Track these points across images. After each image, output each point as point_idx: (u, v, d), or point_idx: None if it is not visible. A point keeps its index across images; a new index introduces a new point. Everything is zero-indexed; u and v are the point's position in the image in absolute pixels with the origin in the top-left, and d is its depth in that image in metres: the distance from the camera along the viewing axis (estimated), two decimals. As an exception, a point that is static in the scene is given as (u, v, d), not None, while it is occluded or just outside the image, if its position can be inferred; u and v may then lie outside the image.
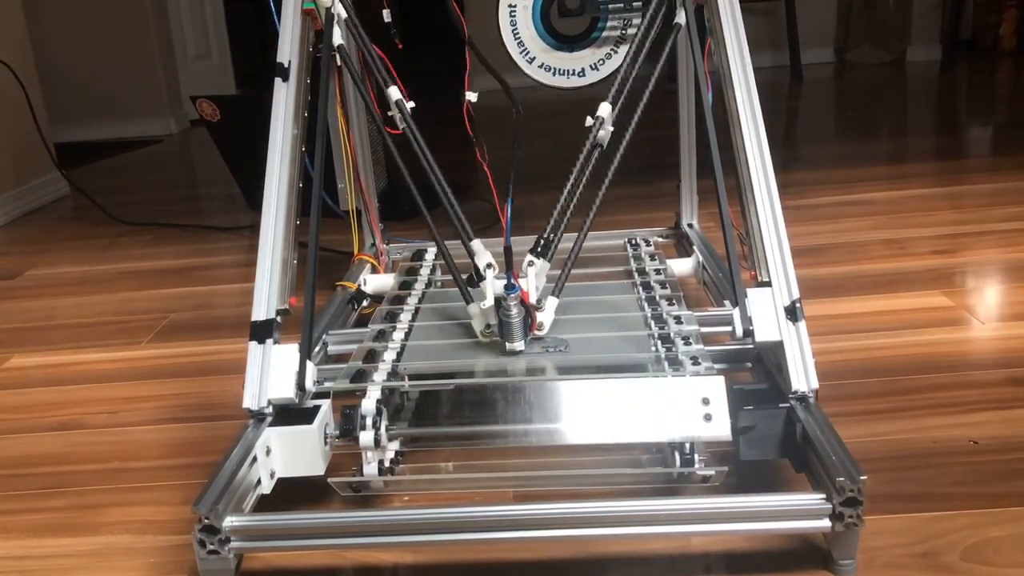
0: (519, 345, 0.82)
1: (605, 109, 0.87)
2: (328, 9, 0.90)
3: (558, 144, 2.27)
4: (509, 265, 0.80)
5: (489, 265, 0.83)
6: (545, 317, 0.84)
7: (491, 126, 0.90)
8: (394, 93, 0.88)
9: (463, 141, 0.90)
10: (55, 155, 2.41)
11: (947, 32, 3.71)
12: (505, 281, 0.80)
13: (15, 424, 1.09)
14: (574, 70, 1.11)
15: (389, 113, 0.89)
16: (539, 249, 0.85)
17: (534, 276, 0.83)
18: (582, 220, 0.87)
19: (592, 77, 1.12)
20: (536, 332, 0.83)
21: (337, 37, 0.90)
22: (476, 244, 0.84)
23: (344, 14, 0.91)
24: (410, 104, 0.88)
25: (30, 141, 2.32)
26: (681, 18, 0.90)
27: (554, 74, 1.11)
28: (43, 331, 1.41)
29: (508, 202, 0.80)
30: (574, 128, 0.88)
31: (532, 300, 0.82)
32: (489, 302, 0.81)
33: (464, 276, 0.84)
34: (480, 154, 0.87)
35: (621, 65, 0.91)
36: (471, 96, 0.90)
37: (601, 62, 1.10)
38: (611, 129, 0.87)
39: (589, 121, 0.87)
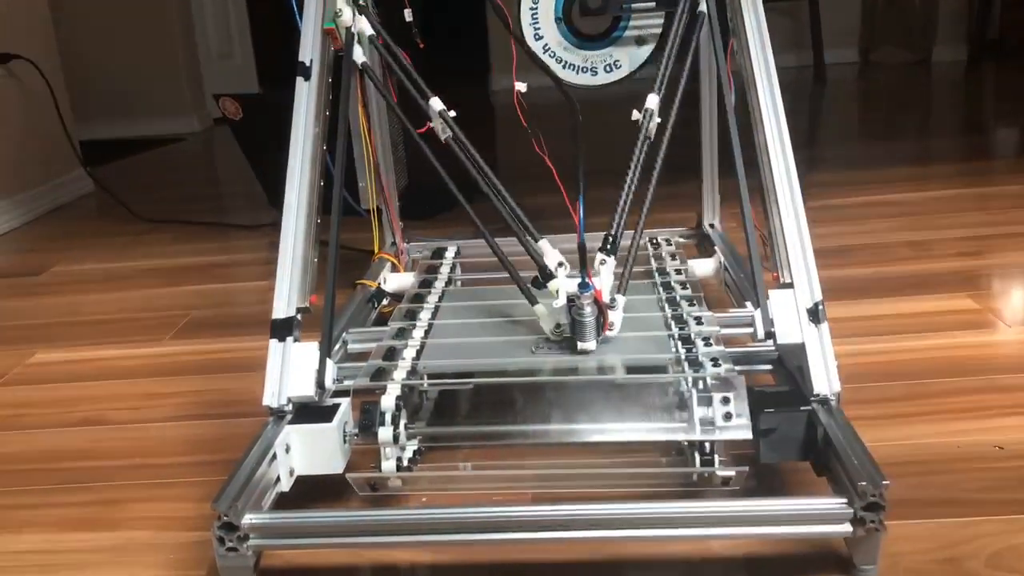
0: (591, 345, 0.81)
1: (652, 100, 0.87)
2: (348, 29, 0.89)
3: (591, 141, 2.26)
4: (583, 263, 0.79)
5: (560, 264, 0.82)
6: (616, 316, 0.83)
7: (512, 124, 0.89)
8: (436, 104, 0.87)
9: (482, 140, 0.90)
10: (80, 153, 2.44)
11: (974, 32, 3.67)
12: (579, 280, 0.79)
13: (39, 419, 1.10)
14: (596, 68, 1.11)
15: (430, 123, 0.88)
16: (608, 247, 0.84)
17: (607, 274, 0.83)
18: (636, 217, 0.86)
19: (613, 75, 1.11)
20: (608, 332, 0.82)
21: (359, 55, 0.90)
22: (544, 243, 0.84)
23: (368, 31, 0.90)
24: (451, 112, 0.88)
25: (56, 139, 2.35)
26: (703, 6, 0.90)
27: (577, 72, 1.10)
28: (67, 327, 1.42)
29: (580, 199, 0.80)
30: (602, 125, 0.87)
31: (605, 298, 0.81)
32: (562, 301, 0.81)
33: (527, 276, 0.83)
34: (537, 146, 0.85)
35: (662, 59, 0.90)
36: (520, 86, 0.89)
37: (618, 63, 1.10)
38: (659, 120, 0.86)
39: (635, 115, 0.86)
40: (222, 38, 3.78)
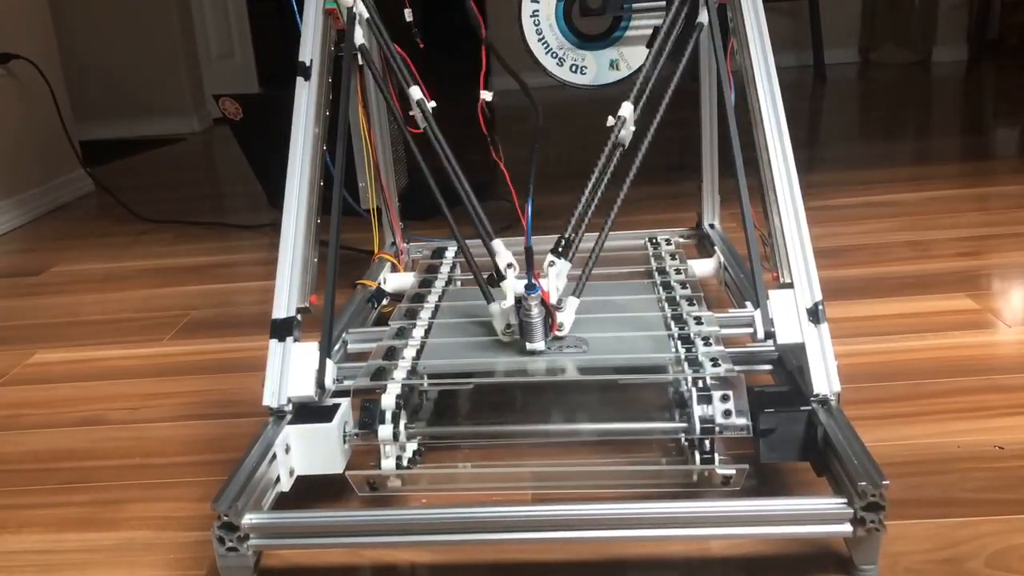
0: (539, 345, 0.81)
1: (627, 109, 0.87)
2: (350, 9, 0.90)
3: (580, 144, 2.27)
4: (529, 265, 0.79)
5: (510, 265, 0.83)
6: (565, 317, 0.84)
7: (514, 126, 0.89)
8: (415, 92, 0.88)
9: (479, 139, 0.90)
10: (80, 153, 2.44)
11: (974, 32, 3.67)
12: (526, 281, 0.80)
13: (39, 419, 1.10)
14: (597, 69, 1.11)
15: (411, 112, 0.89)
16: (560, 249, 0.84)
17: (555, 276, 0.83)
18: (603, 220, 0.86)
19: (615, 75, 1.11)
20: (556, 332, 0.83)
21: (359, 37, 0.90)
22: (497, 243, 0.84)
23: (366, 14, 0.91)
24: (431, 104, 0.88)
25: (55, 139, 2.35)
26: (703, 17, 0.90)
27: (578, 72, 1.10)
28: (66, 327, 1.42)
29: (528, 202, 0.80)
30: (593, 128, 0.87)
31: (553, 300, 0.82)
32: (509, 302, 0.81)
33: (485, 275, 0.84)
34: (495, 153, 0.87)
35: (643, 64, 0.90)
36: (486, 95, 0.90)
37: (619, 63, 1.10)
38: (633, 129, 0.87)
39: (611, 121, 0.87)
40: (222, 38, 3.78)
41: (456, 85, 1.06)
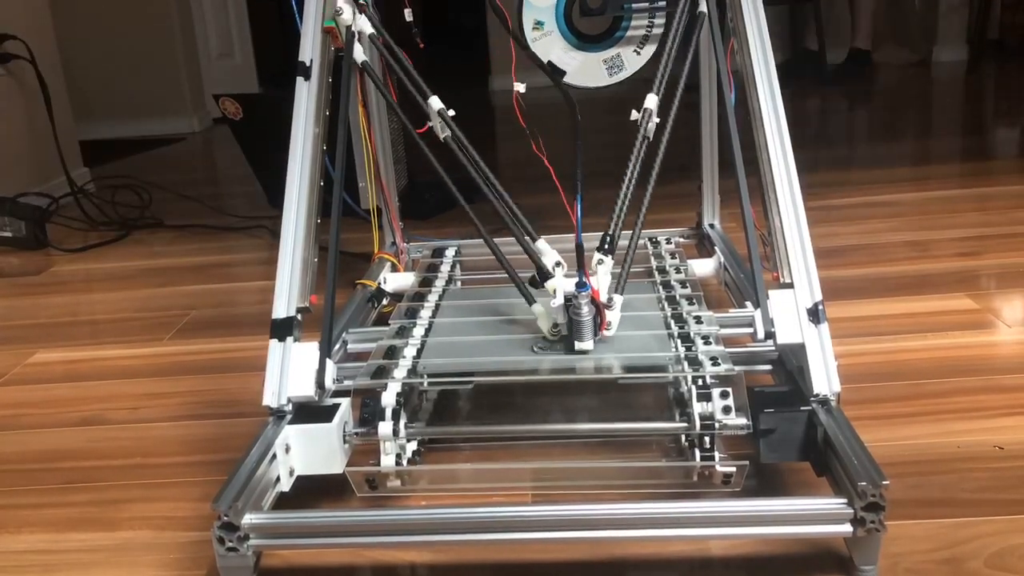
0: (588, 344, 0.81)
1: (651, 100, 0.87)
2: (349, 28, 0.89)
3: (589, 143, 2.26)
4: (580, 263, 0.79)
5: (558, 263, 0.82)
6: (614, 316, 0.83)
7: (511, 124, 0.89)
8: (435, 103, 0.87)
9: (482, 138, 0.90)
10: (80, 153, 2.44)
11: (974, 32, 3.67)
12: (576, 279, 0.79)
13: (38, 419, 1.10)
14: (598, 69, 1.10)
15: (429, 123, 0.88)
16: (605, 246, 0.84)
17: (603, 274, 0.83)
18: (634, 217, 0.86)
19: (615, 76, 1.11)
20: (605, 332, 0.82)
21: (359, 53, 0.90)
22: (542, 243, 0.84)
23: (368, 30, 0.90)
24: (450, 112, 0.87)
25: (55, 138, 2.34)
26: (703, 6, 0.90)
27: (578, 73, 1.10)
28: (66, 327, 1.42)
29: (578, 198, 0.80)
30: (593, 127, 0.87)
31: (603, 298, 0.81)
32: (559, 300, 0.81)
33: (524, 276, 0.83)
34: (536, 147, 0.85)
35: (662, 58, 0.90)
36: (519, 87, 0.89)
37: (641, 44, 1.10)
38: (658, 120, 0.86)
39: (634, 115, 0.86)
40: (222, 38, 3.78)
41: (452, 83, 1.06)
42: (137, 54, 3.42)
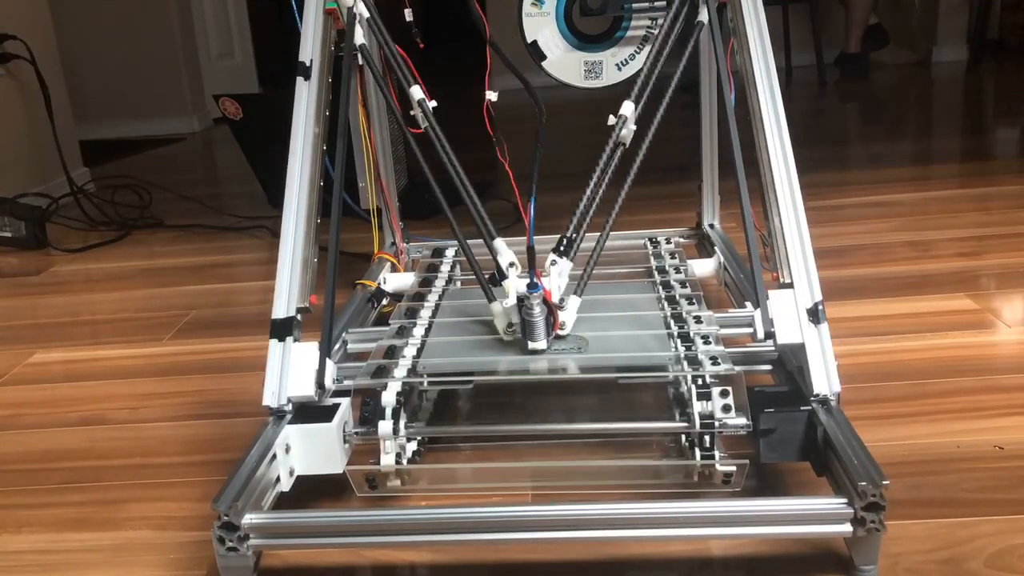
0: (541, 344, 0.81)
1: (628, 107, 0.87)
2: (350, 9, 0.90)
3: (579, 144, 2.27)
4: (532, 264, 0.80)
5: (512, 264, 0.83)
6: (567, 316, 0.83)
7: (515, 126, 0.89)
8: (416, 92, 0.88)
9: (486, 140, 0.90)
10: (80, 152, 2.44)
11: (974, 32, 3.67)
12: (528, 280, 0.80)
13: (38, 419, 1.10)
14: (598, 69, 1.10)
15: (411, 112, 0.89)
16: (562, 248, 0.84)
17: (556, 275, 0.83)
18: (604, 219, 0.86)
19: (617, 77, 1.11)
20: (558, 331, 0.83)
21: (359, 36, 0.90)
22: (498, 243, 0.84)
23: (366, 14, 0.91)
24: (432, 103, 0.88)
25: (55, 138, 2.34)
26: (704, 16, 0.90)
27: (558, 66, 1.10)
28: (66, 327, 1.42)
29: (531, 201, 0.80)
30: (593, 127, 0.87)
31: (555, 299, 0.82)
32: (511, 301, 0.81)
33: (486, 275, 0.84)
34: (500, 153, 0.87)
35: (644, 64, 0.90)
36: (491, 95, 0.90)
37: (625, 62, 1.10)
38: (634, 128, 0.87)
39: (612, 120, 0.87)
40: (222, 38, 3.78)
41: (457, 84, 1.06)
42: (137, 54, 3.43)
